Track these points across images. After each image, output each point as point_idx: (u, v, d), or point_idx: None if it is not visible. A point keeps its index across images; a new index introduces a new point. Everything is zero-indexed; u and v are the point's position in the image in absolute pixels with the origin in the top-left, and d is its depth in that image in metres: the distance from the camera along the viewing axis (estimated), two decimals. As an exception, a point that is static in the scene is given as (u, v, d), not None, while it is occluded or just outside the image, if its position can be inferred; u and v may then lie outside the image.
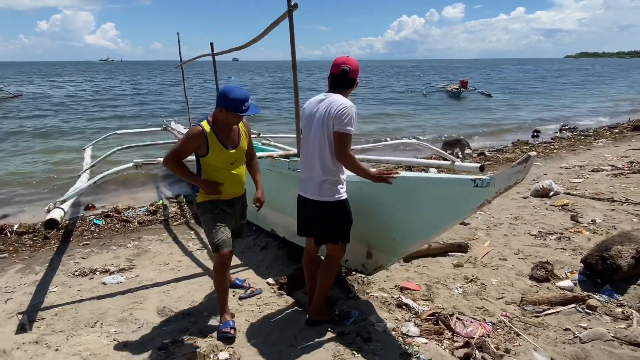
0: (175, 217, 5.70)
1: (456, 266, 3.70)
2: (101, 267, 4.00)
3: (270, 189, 4.07)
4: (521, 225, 4.67)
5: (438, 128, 14.87)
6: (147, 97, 27.18)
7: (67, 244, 4.86)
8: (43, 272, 4.02)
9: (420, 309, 2.99)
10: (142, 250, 4.50)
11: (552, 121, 16.13)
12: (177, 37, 8.29)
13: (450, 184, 2.26)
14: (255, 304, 3.15)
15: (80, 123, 16.13)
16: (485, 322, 2.80)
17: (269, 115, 17.96)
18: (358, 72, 2.61)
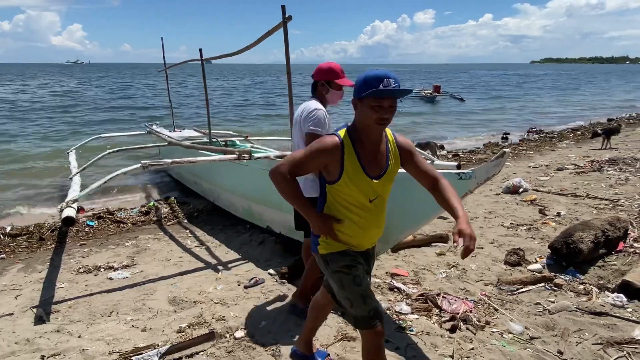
0: (168, 218, 5.88)
1: (439, 255, 4.08)
2: (105, 264, 4.18)
3: (266, 187, 4.37)
4: (495, 219, 5.11)
5: (414, 132, 15.44)
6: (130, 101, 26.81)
7: (64, 244, 4.98)
8: (46, 271, 4.16)
9: (410, 291, 3.34)
10: (142, 248, 4.69)
11: (520, 124, 17.01)
12: (162, 41, 8.46)
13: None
14: (260, 292, 3.43)
15: (59, 127, 15.89)
16: (467, 300, 3.17)
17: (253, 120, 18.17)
18: (324, 72, 2.72)
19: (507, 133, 14.46)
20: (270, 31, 3.93)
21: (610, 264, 3.70)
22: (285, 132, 14.35)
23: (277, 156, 4.25)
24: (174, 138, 7.07)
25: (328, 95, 2.76)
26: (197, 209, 6.16)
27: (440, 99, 27.05)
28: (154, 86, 39.29)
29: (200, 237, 5.00)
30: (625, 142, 10.92)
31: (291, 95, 3.94)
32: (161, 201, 6.80)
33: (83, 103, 24.59)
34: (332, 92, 2.77)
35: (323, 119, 2.62)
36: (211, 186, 5.88)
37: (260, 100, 28.26)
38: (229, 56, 5.57)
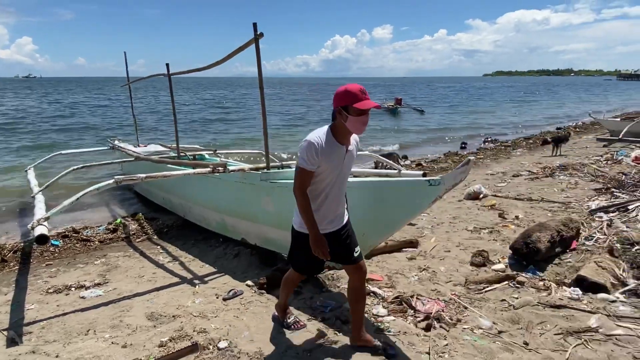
0: (137, 234, 5.78)
1: (410, 259, 4.27)
2: (75, 284, 4.08)
3: (241, 200, 4.44)
4: (459, 223, 5.39)
5: (378, 142, 15.85)
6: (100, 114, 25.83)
7: (28, 265, 4.81)
8: (12, 293, 4.01)
9: (385, 294, 3.49)
10: (112, 266, 4.60)
11: (477, 134, 17.82)
12: (124, 56, 8.34)
13: (410, 185, 2.81)
14: (240, 303, 3.47)
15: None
16: (439, 301, 3.36)
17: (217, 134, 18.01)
18: (340, 97, 2.35)
19: (465, 142, 15.14)
20: (241, 47, 4.03)
21: (566, 261, 4.01)
22: (251, 143, 14.39)
23: (251, 168, 4.33)
24: (140, 153, 6.97)
25: (348, 123, 2.36)
26: (166, 225, 6.09)
27: (402, 110, 27.89)
28: (116, 100, 38.07)
29: (172, 253, 4.97)
30: (574, 149, 11.72)
31: (264, 108, 4.04)
32: (128, 218, 6.66)
33: (38, 119, 23.48)
34: (352, 120, 2.35)
35: (309, 151, 2.35)
36: (181, 201, 5.84)
37: (220, 113, 28.05)
38: (198, 71, 5.61)
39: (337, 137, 2.44)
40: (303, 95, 50.77)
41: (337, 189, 2.56)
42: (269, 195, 4.03)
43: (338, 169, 2.49)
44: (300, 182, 2.44)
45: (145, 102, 36.59)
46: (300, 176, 2.43)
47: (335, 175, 2.49)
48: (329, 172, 2.46)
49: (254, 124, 22.19)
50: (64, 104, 35.83)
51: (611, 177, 7.27)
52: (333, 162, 2.43)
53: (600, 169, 8.17)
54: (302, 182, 2.44)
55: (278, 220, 4.01)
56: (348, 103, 2.34)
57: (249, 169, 4.29)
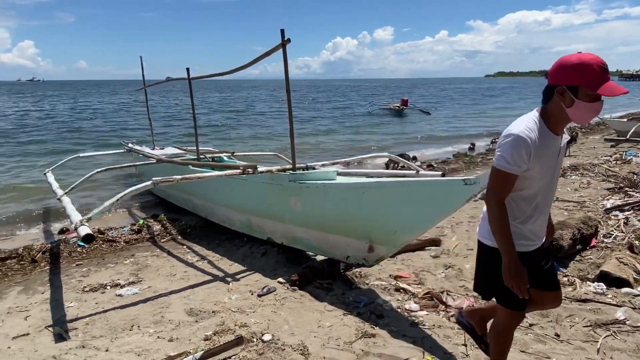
0: (161, 235, 5.92)
1: (434, 257, 4.39)
2: (109, 282, 4.21)
3: (268, 200, 4.57)
4: (478, 222, 5.49)
5: (386, 145, 16.00)
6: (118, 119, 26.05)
7: (58, 265, 4.94)
8: (49, 291, 4.13)
9: (415, 290, 3.61)
10: (142, 265, 4.73)
11: (484, 135, 17.95)
12: (140, 60, 8.50)
13: (445, 184, 2.94)
14: (275, 299, 3.59)
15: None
16: (468, 296, 3.48)
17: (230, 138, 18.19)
18: (567, 72, 1.72)
19: (473, 143, 15.26)
20: (269, 52, 4.17)
21: (587, 258, 4.13)
22: (263, 145, 14.54)
23: (278, 170, 4.46)
24: (159, 156, 7.11)
25: (572, 109, 1.76)
26: (189, 225, 6.21)
27: (408, 112, 28.07)
28: (127, 104, 38.24)
29: (199, 252, 5.09)
30: (582, 150, 11.83)
31: (290, 111, 4.17)
32: (149, 219, 6.80)
33: (55, 123, 23.66)
34: (580, 106, 1.74)
35: (516, 148, 1.78)
36: (203, 202, 5.97)
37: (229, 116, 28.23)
38: (220, 75, 5.75)
39: (550, 126, 1.84)
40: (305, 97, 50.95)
41: (549, 195, 1.97)
42: (296, 196, 4.16)
43: (552, 169, 1.90)
44: (498, 187, 1.86)
45: (151, 105, 36.83)
46: (499, 180, 1.84)
47: (548, 177, 1.91)
48: (542, 174, 1.86)
49: (264, 126, 22.39)
50: (80, 106, 36.01)
51: (623, 177, 7.38)
52: (546, 161, 1.85)
53: (611, 169, 8.28)
54: (500, 188, 1.86)
55: (305, 220, 4.15)
56: (581, 84, 1.69)
57: (277, 170, 4.42)
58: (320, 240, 4.05)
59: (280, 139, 17.25)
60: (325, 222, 3.91)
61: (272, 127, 21.51)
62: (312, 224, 4.07)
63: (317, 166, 4.77)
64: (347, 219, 3.67)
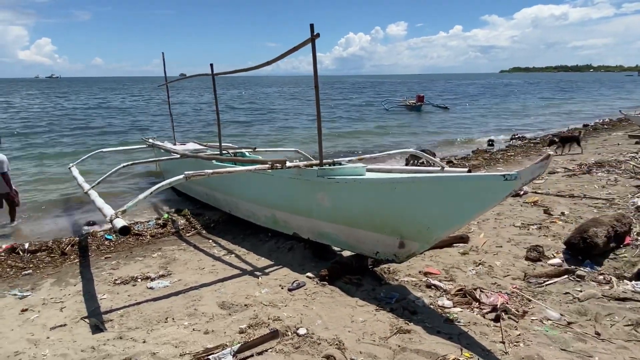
0: (186, 229, 5.97)
1: (463, 254, 4.35)
2: (140, 275, 4.27)
3: (295, 195, 4.57)
4: (505, 219, 5.44)
5: (404, 140, 15.89)
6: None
7: (87, 258, 5.02)
8: (80, 284, 4.21)
9: (447, 287, 3.58)
10: (170, 259, 4.79)
11: (502, 131, 17.71)
12: (162, 56, 8.55)
13: (484, 179, 2.90)
14: (305, 294, 3.60)
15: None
16: (502, 293, 3.44)
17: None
18: None
19: (492, 140, 15.06)
20: (297, 47, 4.15)
21: (621, 256, 4.04)
22: (288, 143, 14.57)
23: (306, 165, 4.45)
24: (181, 151, 7.16)
25: None
26: (213, 220, 6.26)
27: (425, 108, 27.87)
28: (143, 101, 38.59)
29: (225, 246, 5.13)
30: (605, 146, 11.59)
31: (318, 107, 4.16)
32: (173, 213, 6.87)
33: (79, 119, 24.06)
34: None
35: None
36: (227, 197, 6.00)
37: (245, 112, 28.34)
38: (244, 71, 5.75)
39: None
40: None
41: None
42: (324, 191, 4.15)
43: None
44: None
45: (162, 102, 37.27)
46: None
47: None
48: None
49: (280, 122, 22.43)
50: (99, 103, 36.48)
51: (652, 174, 7.20)
52: None
53: (639, 166, 8.09)
54: None
55: (333, 215, 4.14)
56: None
57: (304, 166, 4.42)
58: (348, 235, 4.04)
59: (298, 135, 17.29)
60: (354, 217, 3.90)
61: (288, 123, 21.55)
62: (341, 220, 4.06)
63: (343, 162, 4.74)
64: (377, 215, 3.65)
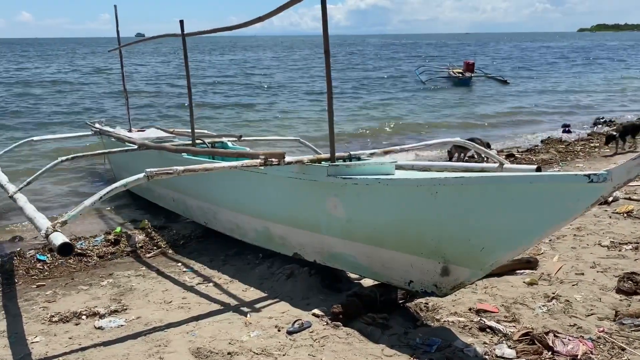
0: (146, 248, 6.03)
1: (530, 284, 4.34)
2: (85, 310, 4.30)
3: (297, 201, 4.59)
4: (587, 236, 5.42)
5: (446, 126, 15.91)
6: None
7: (12, 286, 5.08)
8: (4, 322, 4.25)
9: (508, 330, 3.58)
10: (125, 288, 4.83)
11: (582, 113, 17.67)
12: (115, 10, 8.61)
13: (561, 181, 2.88)
14: (311, 338, 3.61)
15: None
16: (583, 339, 3.42)
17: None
18: None
19: (568, 125, 15.05)
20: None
21: None
22: (287, 130, 14.64)
23: (312, 160, 4.47)
24: (138, 140, 7.20)
25: None
26: (182, 235, 6.33)
27: (476, 80, 27.87)
28: (85, 71, 38.95)
29: (200, 272, 5.17)
30: None
31: (329, 81, 4.16)
32: (128, 226, 6.94)
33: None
34: None
35: None
36: (203, 203, 6.03)
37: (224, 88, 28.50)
38: (223, 30, 5.79)
39: None
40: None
41: None
42: (337, 196, 4.16)
43: None
44: None
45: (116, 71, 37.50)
46: None
47: None
48: None
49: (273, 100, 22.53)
50: (25, 74, 36.86)
51: None
52: None
53: None
54: None
55: (349, 230, 4.15)
56: None
57: (309, 161, 4.43)
58: (370, 258, 4.05)
59: (299, 120, 17.31)
60: (378, 232, 3.90)
61: (285, 104, 21.60)
62: (360, 236, 4.07)
63: (363, 156, 4.74)
64: (411, 229, 3.65)
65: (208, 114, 18.65)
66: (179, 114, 18.56)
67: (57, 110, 19.93)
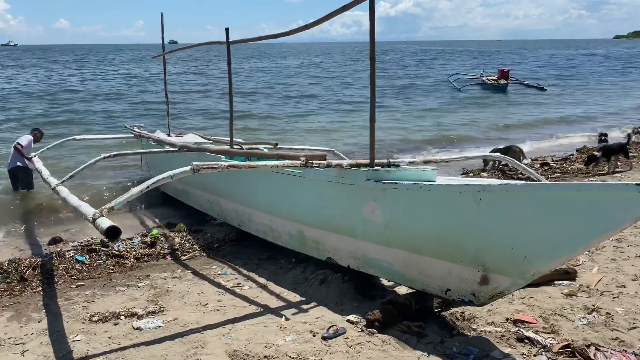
0: (182, 250, 6.11)
1: (568, 295, 4.25)
2: (123, 311, 4.38)
3: (333, 205, 4.59)
4: (628, 248, 5.29)
5: (485, 132, 15.74)
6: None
7: (53, 285, 5.21)
8: (46, 320, 4.36)
9: (547, 342, 3.50)
10: (162, 290, 4.90)
11: (619, 121, 17.29)
12: (161, 18, 8.80)
13: (608, 190, 2.83)
14: (346, 344, 3.60)
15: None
16: (627, 353, 3.33)
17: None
18: None
19: (605, 134, 14.70)
20: (347, 6, 4.19)
21: None
22: (320, 138, 14.60)
23: (351, 165, 4.47)
24: (179, 143, 7.33)
25: None
26: (217, 239, 6.42)
27: (512, 88, 27.64)
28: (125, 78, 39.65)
29: (235, 275, 5.23)
30: None
31: (373, 84, 4.16)
32: (163, 228, 7.04)
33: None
34: None
35: None
36: (238, 206, 6.08)
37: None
38: (268, 38, 5.86)
39: None
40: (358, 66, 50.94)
41: None
42: (375, 201, 4.15)
43: None
44: None
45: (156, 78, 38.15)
46: None
47: None
48: None
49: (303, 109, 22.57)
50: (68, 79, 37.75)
51: None
52: None
53: None
54: None
55: (386, 235, 4.13)
56: None
57: (348, 165, 4.43)
58: (407, 264, 4.03)
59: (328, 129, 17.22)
60: (417, 239, 3.88)
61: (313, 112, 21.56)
62: (397, 242, 4.05)
63: (402, 164, 4.72)
64: (451, 236, 3.62)
65: (240, 124, 18.76)
66: (219, 121, 18.61)
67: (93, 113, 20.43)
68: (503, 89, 26.96)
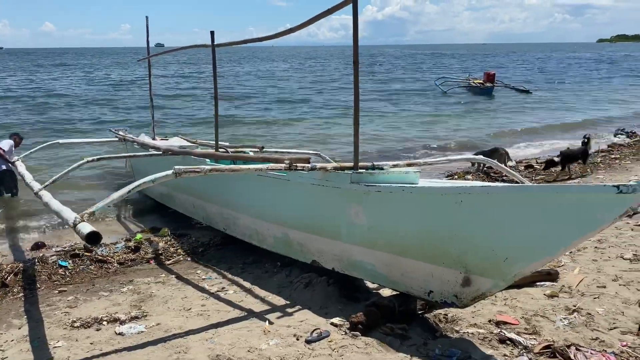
0: (166, 255, 6.07)
1: (550, 296, 4.28)
2: (106, 316, 4.34)
3: (318, 208, 4.59)
4: (609, 249, 5.34)
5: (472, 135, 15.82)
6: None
7: (34, 291, 5.15)
8: (26, 326, 4.31)
9: (529, 343, 3.53)
10: (145, 295, 4.86)
11: (602, 124, 17.49)
12: (146, 21, 8.73)
13: (587, 192, 2.86)
14: (329, 347, 3.60)
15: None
16: (607, 353, 3.36)
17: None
18: None
19: (588, 136, 14.84)
20: (331, 9, 4.20)
21: None
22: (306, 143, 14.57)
23: (335, 168, 4.47)
24: (163, 147, 7.30)
25: None
26: (201, 243, 6.39)
27: (497, 91, 27.88)
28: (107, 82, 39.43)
29: (219, 279, 5.21)
30: None
31: (357, 88, 4.17)
32: (147, 232, 6.99)
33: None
34: None
35: None
36: (223, 209, 6.06)
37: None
38: (254, 42, 5.86)
39: None
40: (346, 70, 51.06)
41: None
42: (359, 204, 4.17)
43: None
44: None
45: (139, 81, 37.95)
46: None
47: None
48: None
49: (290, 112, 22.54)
50: (52, 83, 37.50)
51: None
52: None
53: None
54: None
55: (370, 238, 4.15)
56: None
57: (332, 168, 4.44)
58: (390, 267, 4.04)
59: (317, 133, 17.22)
60: (400, 241, 3.89)
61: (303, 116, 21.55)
62: (381, 244, 4.06)
63: (386, 167, 4.74)
64: (434, 238, 3.64)
65: (226, 129, 18.71)
66: (201, 126, 18.53)
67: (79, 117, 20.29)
68: (489, 92, 27.19)
